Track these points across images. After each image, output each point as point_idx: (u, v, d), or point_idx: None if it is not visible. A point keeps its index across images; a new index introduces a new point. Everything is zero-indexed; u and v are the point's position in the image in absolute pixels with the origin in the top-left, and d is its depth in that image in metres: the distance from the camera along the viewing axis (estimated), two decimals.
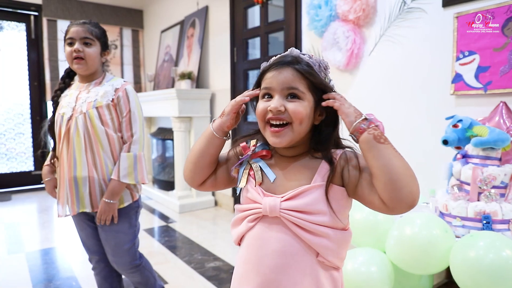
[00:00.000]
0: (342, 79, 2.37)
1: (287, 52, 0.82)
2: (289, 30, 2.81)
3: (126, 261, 1.55)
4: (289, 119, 0.76)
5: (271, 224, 0.77)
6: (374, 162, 0.70)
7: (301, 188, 0.75)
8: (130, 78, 5.33)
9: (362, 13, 2.13)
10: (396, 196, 0.68)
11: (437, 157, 1.87)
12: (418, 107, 1.97)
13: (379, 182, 0.70)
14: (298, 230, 0.74)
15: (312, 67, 0.78)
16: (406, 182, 0.68)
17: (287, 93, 0.77)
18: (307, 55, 0.80)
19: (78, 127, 1.45)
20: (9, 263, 2.46)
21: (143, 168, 1.54)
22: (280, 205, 0.75)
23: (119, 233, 1.52)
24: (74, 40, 1.47)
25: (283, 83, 0.76)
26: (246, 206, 0.81)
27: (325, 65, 0.81)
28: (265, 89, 0.79)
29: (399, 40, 2.04)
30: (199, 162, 0.85)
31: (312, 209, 0.74)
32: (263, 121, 0.79)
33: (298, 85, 0.76)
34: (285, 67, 0.77)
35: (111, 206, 1.45)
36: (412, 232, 1.30)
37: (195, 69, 3.86)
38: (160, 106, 4.04)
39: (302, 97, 0.76)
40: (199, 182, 0.88)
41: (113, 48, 5.19)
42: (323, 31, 2.39)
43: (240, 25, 3.42)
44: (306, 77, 0.76)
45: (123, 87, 1.51)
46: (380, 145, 0.71)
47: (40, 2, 4.55)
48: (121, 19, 5.20)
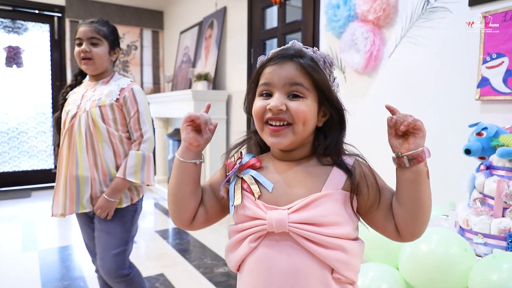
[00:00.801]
0: (360, 82, 2.27)
1: (289, 45, 0.73)
2: (306, 31, 2.73)
3: (111, 268, 1.45)
4: (291, 119, 0.68)
5: (278, 242, 0.67)
6: (412, 194, 0.65)
7: (312, 196, 0.66)
8: (149, 79, 5.37)
9: (382, 13, 2.03)
10: (415, 229, 0.67)
11: (458, 167, 1.75)
12: (440, 112, 1.85)
13: (405, 214, 0.66)
14: (311, 245, 0.65)
15: (316, 62, 0.70)
16: (427, 218, 0.67)
17: (289, 90, 0.68)
18: (311, 49, 0.72)
19: (80, 125, 1.43)
20: (22, 261, 2.49)
21: (151, 170, 1.50)
22: (288, 218, 0.66)
23: (110, 235, 1.46)
24: (82, 40, 1.46)
25: (285, 78, 0.68)
26: (245, 225, 0.70)
27: (330, 61, 0.73)
28: (264, 85, 0.70)
29: (421, 42, 1.92)
30: (177, 198, 0.74)
31: (325, 220, 0.65)
32: (260, 121, 0.71)
33: (302, 81, 0.68)
34: (288, 60, 0.69)
35: (109, 203, 1.42)
36: (428, 248, 1.19)
37: (212, 70, 3.83)
38: (176, 107, 4.04)
39: (306, 95, 0.68)
40: (189, 221, 0.76)
41: (133, 49, 5.24)
42: (341, 32, 2.29)
43: (257, 26, 3.36)
44: (310, 73, 0.68)
45: (129, 87, 1.49)
46: (427, 181, 0.66)
47: (64, 3, 4.65)
48: (142, 20, 5.25)
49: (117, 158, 1.46)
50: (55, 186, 1.50)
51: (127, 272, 1.49)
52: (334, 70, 0.75)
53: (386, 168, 0.89)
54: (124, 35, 5.15)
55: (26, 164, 4.76)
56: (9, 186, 4.62)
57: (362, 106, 2.26)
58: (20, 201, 4.11)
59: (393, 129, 0.67)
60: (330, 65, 0.73)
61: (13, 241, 2.87)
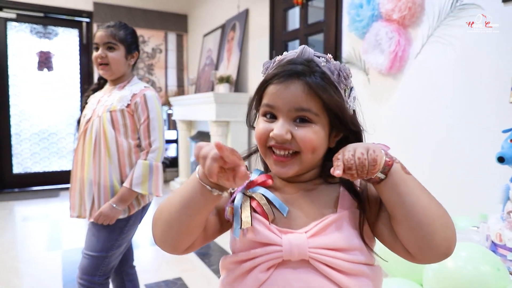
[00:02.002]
0: (384, 84, 2.18)
1: (298, 52, 0.64)
2: (329, 32, 2.65)
3: (82, 267, 1.41)
4: (298, 148, 0.60)
5: (295, 270, 0.58)
6: (398, 201, 0.54)
7: (329, 218, 0.59)
8: (173, 82, 5.43)
9: (407, 12, 1.93)
10: (426, 244, 0.53)
11: (490, 176, 1.63)
12: (470, 117, 1.74)
13: (403, 229, 0.55)
14: (334, 273, 0.57)
15: (328, 77, 0.61)
16: (439, 225, 0.53)
17: (295, 116, 0.60)
18: (324, 58, 0.63)
19: (92, 129, 1.43)
20: (46, 260, 2.55)
21: (159, 180, 1.45)
22: (308, 243, 0.58)
23: (94, 237, 1.43)
24: (98, 45, 1.46)
25: (290, 103, 0.59)
26: (255, 252, 0.59)
27: (345, 74, 0.63)
28: (267, 107, 0.62)
29: (450, 41, 1.81)
30: (181, 224, 0.58)
31: (346, 245, 0.58)
32: (264, 146, 0.63)
33: (310, 106, 0.59)
34: (294, 80, 0.60)
35: (114, 211, 1.38)
36: (455, 265, 1.10)
37: (234, 72, 3.81)
38: (199, 110, 4.05)
39: (315, 120, 0.60)
40: (183, 249, 0.62)
41: (158, 52, 5.32)
42: (364, 32, 2.20)
43: (279, 27, 3.31)
44: (319, 95, 0.59)
45: (141, 93, 1.46)
46: (410, 177, 0.55)
47: (91, 9, 4.78)
48: (167, 24, 5.31)
49: (123, 171, 1.43)
50: (70, 188, 1.51)
51: (97, 280, 1.41)
52: (351, 82, 0.66)
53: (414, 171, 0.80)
54: (149, 39, 5.23)
55: (56, 165, 4.91)
56: (39, 185, 4.79)
57: (386, 110, 2.16)
58: (48, 200, 4.24)
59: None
60: (346, 78, 0.63)
61: (39, 240, 2.95)
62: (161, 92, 5.33)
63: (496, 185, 1.33)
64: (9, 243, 2.86)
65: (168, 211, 0.58)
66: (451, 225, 0.55)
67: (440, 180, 1.87)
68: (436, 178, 1.89)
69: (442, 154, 1.86)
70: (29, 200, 4.21)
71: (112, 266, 1.47)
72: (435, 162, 1.90)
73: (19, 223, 3.42)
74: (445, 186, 1.84)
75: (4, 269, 2.37)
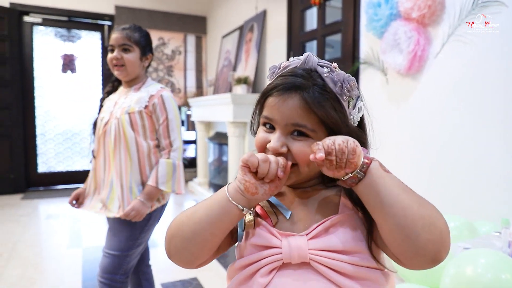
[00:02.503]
0: (403, 84, 2.12)
1: (301, 61, 0.63)
2: (346, 32, 2.62)
3: (104, 266, 1.44)
4: (294, 160, 0.60)
5: (296, 272, 0.57)
6: (376, 201, 0.52)
7: (329, 220, 0.59)
8: (192, 83, 5.48)
9: (427, 10, 1.88)
10: (409, 248, 0.51)
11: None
12: (493, 118, 1.67)
13: (384, 232, 0.54)
14: (336, 276, 0.56)
15: (330, 89, 0.60)
16: (421, 226, 0.50)
17: (292, 130, 0.60)
18: (327, 69, 0.61)
19: (111, 131, 1.46)
20: (67, 257, 2.61)
21: (181, 178, 1.49)
22: (308, 245, 0.57)
23: (115, 237, 1.46)
24: (113, 47, 1.48)
25: (287, 118, 0.59)
26: (255, 256, 0.60)
27: (349, 86, 0.61)
28: (266, 119, 0.63)
29: (472, 40, 1.75)
30: (200, 238, 0.59)
31: (348, 247, 0.57)
32: None
33: (306, 122, 0.59)
34: (292, 93, 0.59)
35: (143, 207, 1.41)
36: (474, 273, 1.06)
37: (251, 74, 3.81)
38: (216, 111, 4.07)
39: (311, 135, 0.60)
40: (198, 263, 0.63)
41: (177, 54, 5.38)
42: (382, 31, 2.16)
43: (297, 28, 3.29)
44: (315, 111, 0.58)
45: (158, 94, 1.49)
46: (387, 175, 0.54)
47: (113, 12, 4.89)
48: (186, 26, 5.37)
49: (143, 172, 1.46)
50: (88, 185, 1.55)
51: (119, 279, 1.44)
52: (356, 92, 0.63)
53: (434, 175, 0.79)
54: (169, 41, 5.30)
55: (78, 164, 5.05)
56: (63, 184, 4.93)
57: (405, 111, 2.11)
58: None
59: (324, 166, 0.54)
60: (349, 91, 0.61)
61: (61, 237, 3.03)
62: (180, 93, 5.39)
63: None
64: (33, 240, 2.96)
65: (191, 229, 0.59)
66: (439, 227, 0.51)
67: (460, 184, 1.81)
68: (456, 181, 1.83)
69: (463, 157, 1.80)
70: (53, 199, 4.33)
71: (132, 265, 1.50)
72: (456, 164, 1.84)
73: (43, 221, 3.53)
74: (467, 190, 1.78)
75: (27, 264, 2.45)
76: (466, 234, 1.43)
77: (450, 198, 1.86)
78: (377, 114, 0.66)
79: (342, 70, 0.63)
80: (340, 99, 0.61)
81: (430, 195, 1.95)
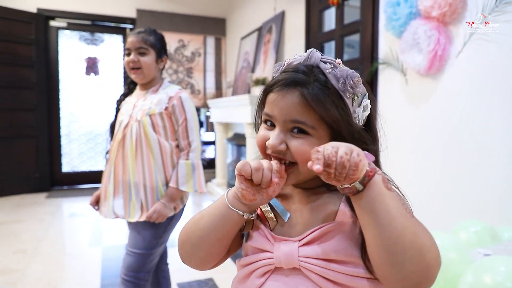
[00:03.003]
0: (422, 85, 2.07)
1: (305, 56, 0.61)
2: (365, 32, 2.57)
3: (128, 265, 1.47)
4: (293, 159, 0.58)
5: (287, 277, 0.58)
6: (370, 219, 0.50)
7: (325, 227, 0.57)
8: (212, 84, 5.53)
9: (448, 8, 1.82)
10: (391, 274, 0.50)
11: None
12: None
13: (370, 250, 0.51)
14: (328, 284, 0.55)
15: (331, 86, 0.57)
16: (409, 256, 0.48)
17: (291, 126, 0.58)
18: (330, 65, 0.59)
19: (132, 134, 1.48)
20: (87, 255, 2.68)
21: (201, 177, 1.53)
22: (299, 251, 0.57)
23: (139, 235, 1.49)
24: (130, 50, 1.51)
25: (286, 115, 0.58)
26: (251, 258, 0.62)
27: (352, 82, 0.58)
28: (266, 115, 0.61)
29: (495, 38, 1.68)
30: (207, 244, 0.61)
31: (341, 255, 0.55)
32: (263, 153, 0.62)
33: (305, 119, 0.57)
34: (291, 89, 0.57)
35: (165, 209, 1.45)
36: (493, 281, 1.01)
37: (270, 75, 3.81)
38: (235, 112, 4.09)
39: (311, 132, 0.57)
40: (213, 264, 0.66)
41: (197, 56, 5.44)
42: (401, 31, 2.11)
43: (315, 28, 3.26)
44: (314, 108, 0.56)
45: (177, 95, 1.51)
46: (388, 194, 0.50)
47: (135, 16, 4.99)
48: (206, 28, 5.43)
49: (166, 172, 1.49)
50: (103, 191, 1.56)
51: (143, 277, 1.48)
52: (361, 89, 0.60)
53: (456, 178, 0.76)
54: (188, 43, 5.37)
55: (101, 164, 5.18)
56: (86, 183, 5.07)
57: (425, 112, 2.05)
58: None
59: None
60: (353, 87, 0.58)
61: (82, 235, 3.11)
62: (199, 94, 5.44)
63: None
64: (56, 237, 3.05)
65: (197, 235, 0.61)
66: (428, 260, 0.49)
67: (484, 187, 1.74)
68: (477, 185, 1.76)
69: (486, 160, 1.74)
70: (76, 197, 4.46)
71: (155, 263, 1.54)
72: (478, 168, 1.77)
73: (66, 219, 3.64)
74: (491, 194, 1.71)
75: (50, 261, 2.53)
76: (487, 239, 1.37)
77: (473, 202, 1.79)
78: (395, 115, 0.63)
79: (360, 71, 0.60)
80: (343, 96, 0.58)
81: (452, 199, 1.89)
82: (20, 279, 2.23)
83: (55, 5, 4.66)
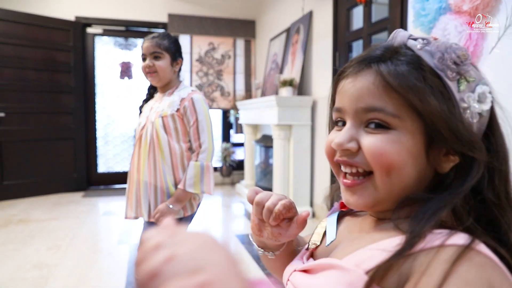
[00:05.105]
0: None
1: (390, 37, 0.48)
2: (393, 30, 2.45)
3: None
4: (366, 166, 0.44)
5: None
6: None
7: (324, 261, 0.46)
8: (241, 86, 5.56)
9: (480, 2, 1.71)
10: None
11: None
12: None
13: None
14: None
15: (424, 63, 0.42)
16: None
17: (366, 119, 0.44)
18: (422, 40, 0.44)
19: (147, 135, 1.51)
20: (116, 252, 2.77)
21: (210, 179, 1.51)
22: (291, 275, 0.50)
23: None
24: (145, 55, 1.54)
25: (357, 101, 0.44)
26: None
27: (455, 56, 0.42)
28: (336, 112, 0.48)
29: None
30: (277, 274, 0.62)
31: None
32: (332, 163, 0.49)
33: (383, 104, 0.42)
34: (365, 69, 0.44)
35: (169, 210, 1.44)
36: None
37: (297, 76, 3.76)
38: (262, 114, 4.08)
39: (394, 124, 0.42)
40: None
41: (227, 58, 5.49)
42: (430, 27, 2.01)
43: (342, 28, 3.19)
44: (396, 88, 0.41)
45: (189, 97, 1.52)
46: None
47: (166, 20, 5.12)
48: (235, 31, 5.47)
49: (176, 173, 1.50)
50: (127, 191, 1.61)
51: None
52: (472, 71, 0.45)
53: None
54: (218, 46, 5.43)
55: (128, 166, 5.34)
56: (120, 183, 5.25)
57: None
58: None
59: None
60: (457, 64, 0.42)
61: (113, 233, 3.22)
62: (229, 96, 5.49)
63: None
64: (88, 235, 3.17)
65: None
66: None
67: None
68: None
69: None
70: (111, 197, 4.63)
71: None
72: None
73: (100, 217, 3.78)
74: None
75: (81, 257, 2.63)
76: None
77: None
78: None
79: None
80: (442, 76, 0.42)
81: None
82: (52, 274, 2.34)
83: (91, 13, 4.87)
